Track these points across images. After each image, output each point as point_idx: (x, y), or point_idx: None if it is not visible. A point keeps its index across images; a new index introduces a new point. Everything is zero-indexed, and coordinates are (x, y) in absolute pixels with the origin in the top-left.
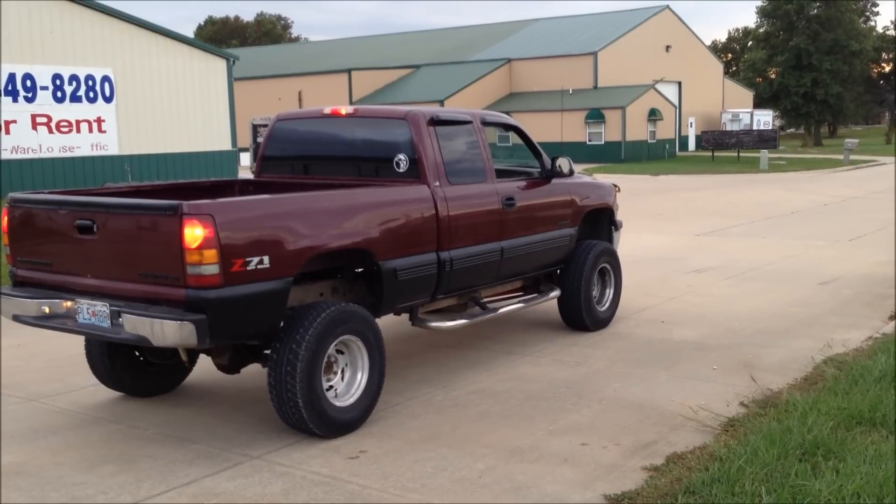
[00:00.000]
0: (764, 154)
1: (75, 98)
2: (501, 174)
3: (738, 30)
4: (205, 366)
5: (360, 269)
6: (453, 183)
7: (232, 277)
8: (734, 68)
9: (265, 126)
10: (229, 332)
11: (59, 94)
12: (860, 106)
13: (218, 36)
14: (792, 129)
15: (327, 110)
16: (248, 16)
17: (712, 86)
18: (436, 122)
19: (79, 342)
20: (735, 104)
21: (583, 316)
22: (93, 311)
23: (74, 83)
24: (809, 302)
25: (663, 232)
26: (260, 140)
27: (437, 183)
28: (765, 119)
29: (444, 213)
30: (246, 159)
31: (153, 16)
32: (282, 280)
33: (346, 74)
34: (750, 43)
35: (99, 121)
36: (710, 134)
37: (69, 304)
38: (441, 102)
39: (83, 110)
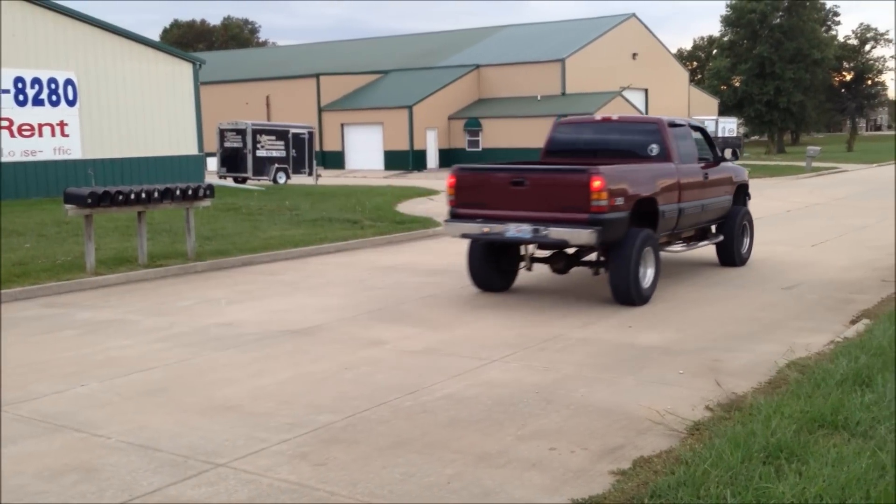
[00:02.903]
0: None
1: (38, 101)
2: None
3: (702, 38)
4: (167, 372)
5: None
6: (683, 163)
7: (610, 209)
8: (699, 76)
9: (233, 131)
10: (606, 239)
11: (20, 97)
12: (822, 114)
13: (184, 39)
14: (756, 137)
15: (598, 117)
16: (214, 20)
17: (678, 93)
18: (671, 125)
19: (46, 346)
20: (701, 111)
21: (734, 256)
22: (518, 229)
23: (37, 86)
24: (773, 307)
25: None
26: (227, 144)
27: (677, 162)
28: (729, 126)
29: (681, 181)
30: (213, 164)
31: (118, 19)
32: (627, 212)
33: (315, 79)
34: (714, 51)
35: (62, 125)
36: None
37: (500, 227)
38: (409, 108)
39: (46, 114)
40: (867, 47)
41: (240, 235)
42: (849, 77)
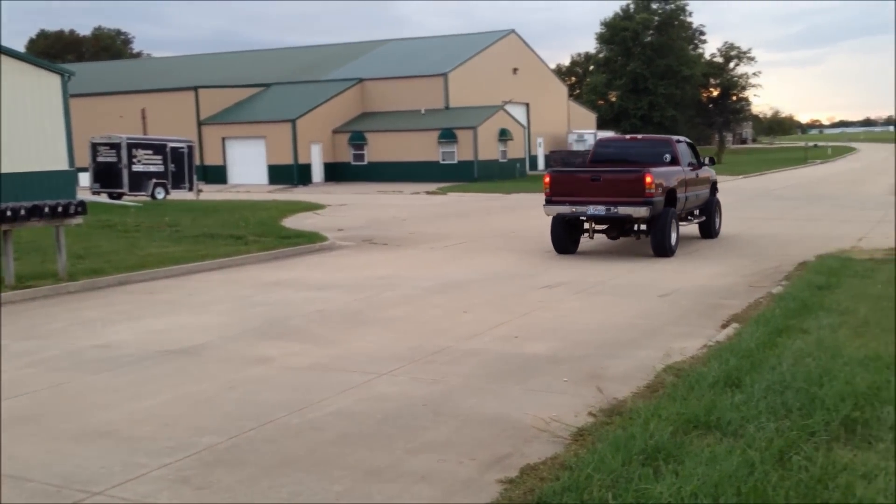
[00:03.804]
0: None
1: None
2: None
3: (580, 54)
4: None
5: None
6: (685, 166)
7: (656, 195)
8: (578, 91)
9: (106, 145)
10: (653, 213)
11: None
12: (692, 128)
13: (52, 50)
14: None
15: (628, 137)
16: (84, 30)
17: (558, 107)
18: (677, 141)
19: None
20: (580, 125)
21: (711, 231)
22: (595, 208)
23: None
24: (651, 314)
25: (515, 249)
26: (100, 159)
27: (683, 166)
28: None
29: (686, 178)
30: (85, 179)
31: None
32: (663, 197)
33: (193, 92)
34: (591, 67)
35: None
36: (557, 153)
37: (582, 207)
38: (293, 122)
39: None
40: (731, 65)
41: (116, 254)
42: (716, 93)
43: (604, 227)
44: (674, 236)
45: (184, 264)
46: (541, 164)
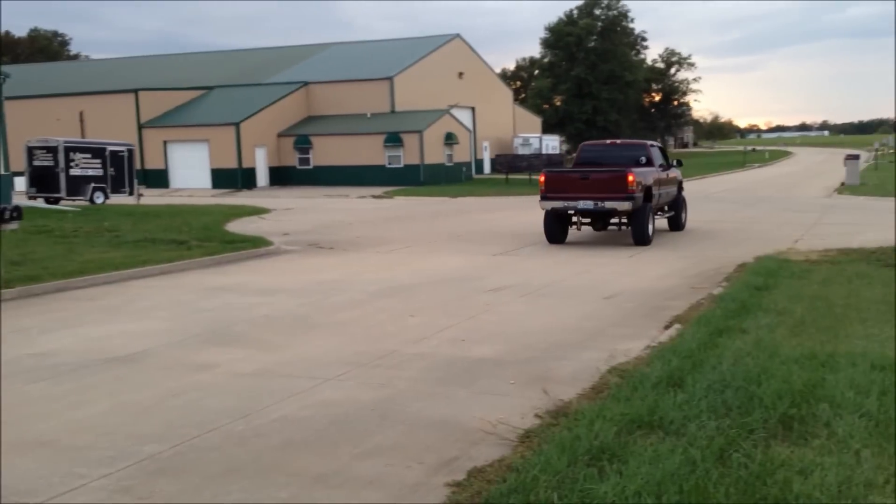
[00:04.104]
0: None
1: None
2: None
3: (525, 59)
4: None
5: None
6: (660, 168)
7: (636, 192)
8: (523, 95)
9: (43, 149)
10: (634, 208)
11: None
12: (635, 132)
13: None
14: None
15: (608, 142)
16: (20, 31)
17: (503, 111)
18: (651, 146)
19: None
20: (525, 129)
21: (679, 225)
22: (585, 203)
23: None
24: (596, 315)
25: (462, 252)
26: (36, 163)
27: (656, 167)
28: (552, 143)
29: (659, 177)
30: (21, 184)
31: None
32: (642, 193)
33: (133, 94)
34: (536, 72)
35: None
36: (503, 157)
37: (573, 203)
38: (237, 125)
39: None
40: (672, 70)
41: (53, 260)
42: (657, 98)
43: (588, 220)
44: (651, 227)
45: (124, 270)
46: (486, 167)
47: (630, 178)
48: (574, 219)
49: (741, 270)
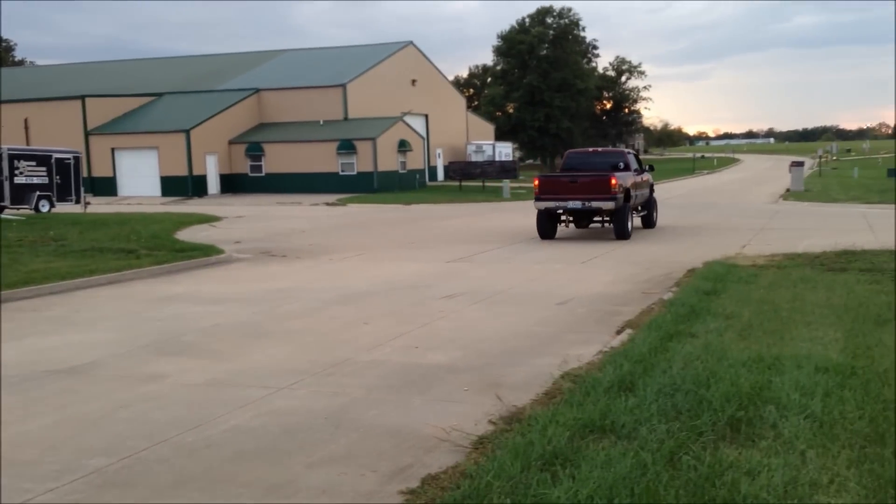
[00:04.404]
0: (506, 184)
1: None
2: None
3: (478, 67)
4: None
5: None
6: (634, 172)
7: (618, 193)
8: (476, 103)
9: None
10: (615, 207)
11: None
12: (587, 139)
13: None
14: (530, 160)
15: (591, 150)
16: None
17: (457, 118)
18: (628, 153)
19: None
20: (478, 136)
21: (652, 223)
22: (573, 203)
23: None
24: (549, 321)
25: (416, 260)
26: None
27: (632, 171)
28: (505, 151)
29: (635, 181)
30: None
31: None
32: (623, 194)
33: (80, 101)
34: (489, 79)
35: None
36: (456, 164)
37: (564, 202)
38: (187, 132)
39: None
40: (623, 78)
41: None
42: (609, 105)
43: (572, 219)
44: (630, 224)
45: (70, 280)
46: (440, 175)
47: (613, 181)
48: (563, 217)
49: (691, 275)
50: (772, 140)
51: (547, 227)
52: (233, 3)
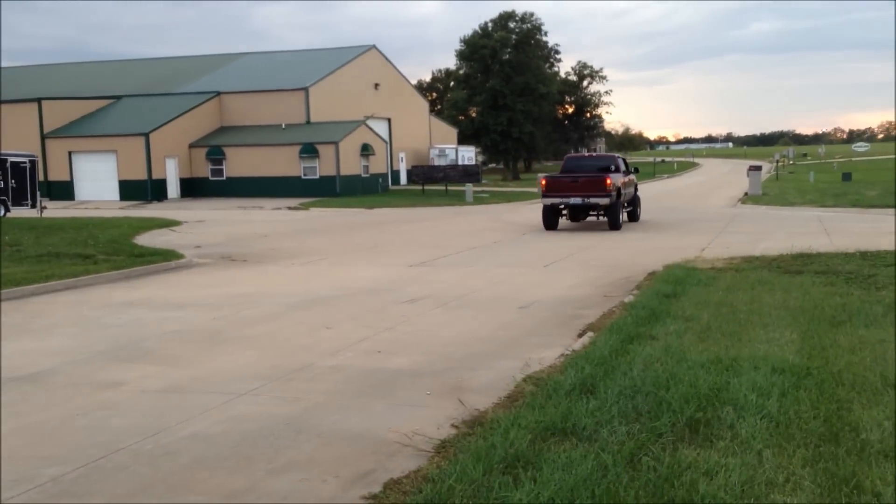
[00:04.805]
0: (469, 188)
1: None
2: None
3: (440, 71)
4: None
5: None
6: (623, 173)
7: (612, 191)
8: (439, 107)
9: None
10: (610, 203)
11: None
12: (550, 144)
13: None
14: (493, 164)
15: (586, 154)
16: None
17: (420, 122)
18: (617, 158)
19: None
20: (441, 140)
21: (636, 217)
22: (575, 199)
23: None
24: (512, 325)
25: (379, 264)
26: None
27: (622, 172)
28: (468, 154)
29: (624, 181)
30: None
31: None
32: (616, 192)
33: (36, 104)
34: (452, 83)
35: None
36: (419, 168)
37: (567, 199)
38: (146, 136)
39: None
40: (585, 83)
41: None
42: (571, 110)
43: (570, 213)
44: (620, 217)
45: (26, 286)
46: (403, 178)
47: (608, 180)
48: (564, 212)
49: (651, 278)
50: (730, 144)
51: (551, 219)
52: (190, 3)
